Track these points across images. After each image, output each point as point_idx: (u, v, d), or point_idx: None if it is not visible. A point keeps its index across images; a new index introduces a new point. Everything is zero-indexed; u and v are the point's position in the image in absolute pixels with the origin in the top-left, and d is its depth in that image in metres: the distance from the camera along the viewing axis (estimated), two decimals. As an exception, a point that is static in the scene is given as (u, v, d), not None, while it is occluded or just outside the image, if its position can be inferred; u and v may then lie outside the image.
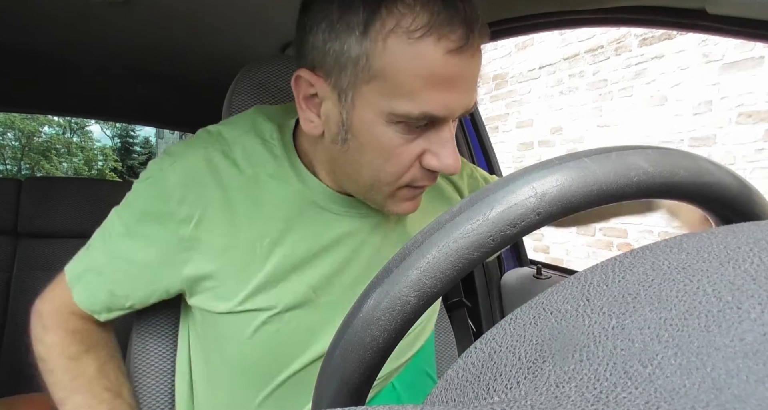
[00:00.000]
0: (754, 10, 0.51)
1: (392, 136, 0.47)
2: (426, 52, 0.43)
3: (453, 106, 0.46)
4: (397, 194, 0.52)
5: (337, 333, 0.27)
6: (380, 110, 0.46)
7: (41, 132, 18.02)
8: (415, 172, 0.50)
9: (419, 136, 0.48)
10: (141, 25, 1.06)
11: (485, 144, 1.17)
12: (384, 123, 0.47)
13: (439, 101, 0.45)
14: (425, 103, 0.45)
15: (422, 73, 0.44)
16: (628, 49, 2.84)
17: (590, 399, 0.14)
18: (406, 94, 0.45)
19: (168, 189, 0.53)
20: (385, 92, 0.45)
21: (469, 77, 0.46)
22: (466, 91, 0.46)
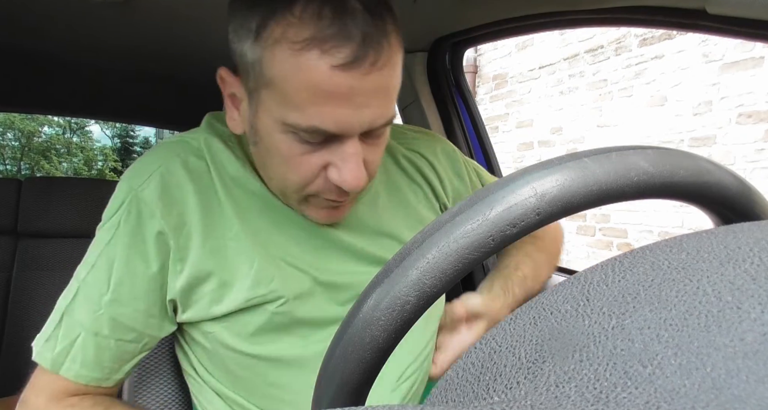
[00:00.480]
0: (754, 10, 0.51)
1: (291, 144, 0.47)
2: (309, 65, 0.42)
3: (346, 123, 0.44)
4: (309, 201, 0.52)
5: (337, 333, 0.27)
6: (275, 118, 0.46)
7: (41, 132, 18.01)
8: (321, 184, 0.49)
9: (323, 148, 0.47)
10: (141, 25, 1.06)
11: (485, 144, 1.17)
12: (281, 131, 0.46)
13: (328, 116, 0.44)
14: (313, 117, 0.44)
15: (307, 86, 0.43)
16: (628, 49, 2.84)
17: (590, 399, 0.14)
18: (295, 105, 0.44)
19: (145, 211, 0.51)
20: (278, 101, 0.45)
21: (365, 93, 0.44)
22: (361, 107, 0.44)
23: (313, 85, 0.43)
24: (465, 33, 1.00)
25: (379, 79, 0.44)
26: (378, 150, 0.51)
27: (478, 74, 3.98)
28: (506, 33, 0.95)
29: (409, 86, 1.13)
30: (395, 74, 0.47)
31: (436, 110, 1.14)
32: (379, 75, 0.44)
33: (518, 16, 0.84)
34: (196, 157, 0.55)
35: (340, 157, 0.47)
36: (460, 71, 1.16)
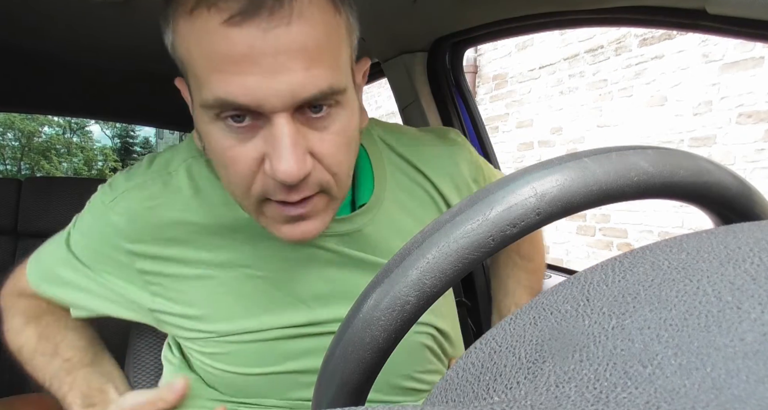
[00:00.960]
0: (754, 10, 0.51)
1: (220, 135, 0.41)
2: (201, 27, 0.37)
3: (257, 91, 0.37)
4: (265, 213, 0.44)
5: (337, 333, 0.27)
6: (197, 107, 0.41)
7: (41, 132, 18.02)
8: (264, 181, 0.41)
9: (254, 136, 0.40)
10: (141, 25, 1.06)
11: (485, 144, 1.17)
12: (208, 121, 0.41)
13: (234, 85, 0.37)
14: (217, 88, 0.38)
15: (204, 53, 0.38)
16: (628, 49, 2.84)
17: (590, 399, 0.14)
18: (201, 79, 0.39)
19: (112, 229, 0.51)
20: (192, 83, 0.41)
21: (273, 53, 0.36)
22: (274, 72, 0.37)
23: (209, 49, 0.37)
24: (465, 33, 1.00)
25: (289, 35, 0.37)
26: (333, 139, 0.42)
27: (478, 74, 3.98)
28: (506, 33, 0.95)
29: (409, 86, 1.13)
30: (316, 31, 0.38)
31: (436, 110, 1.14)
32: (287, 30, 0.36)
33: (518, 16, 0.84)
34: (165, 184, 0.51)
35: (271, 142, 0.39)
36: (460, 71, 1.16)
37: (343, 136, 0.43)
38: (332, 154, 0.42)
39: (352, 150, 0.45)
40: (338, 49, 0.41)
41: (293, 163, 0.38)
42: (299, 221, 0.44)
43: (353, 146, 0.45)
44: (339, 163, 0.43)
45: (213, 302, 0.52)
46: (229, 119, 0.40)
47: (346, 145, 0.43)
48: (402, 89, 1.18)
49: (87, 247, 0.55)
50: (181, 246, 0.51)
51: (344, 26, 0.42)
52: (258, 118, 0.40)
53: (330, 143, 0.42)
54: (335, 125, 0.42)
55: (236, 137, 0.40)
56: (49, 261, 0.58)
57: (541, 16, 0.81)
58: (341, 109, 0.42)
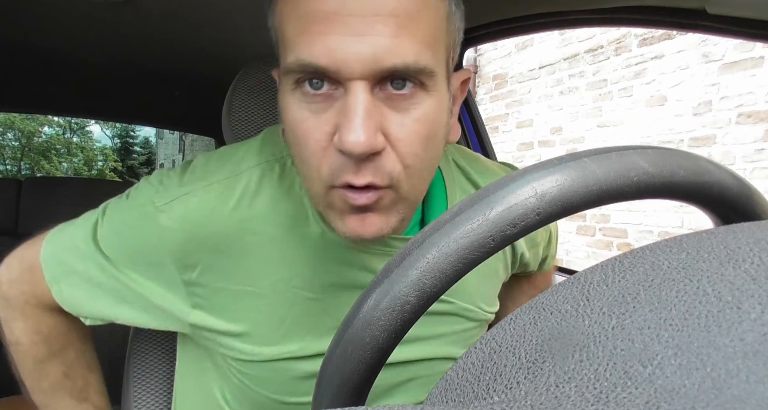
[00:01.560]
0: (754, 10, 0.51)
1: (296, 107, 0.39)
2: None
3: (338, 52, 0.35)
4: (332, 204, 0.41)
5: (337, 333, 0.27)
6: (281, 75, 0.40)
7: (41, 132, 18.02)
8: (333, 160, 0.38)
9: (329, 108, 0.38)
10: (141, 24, 1.06)
11: (485, 144, 1.17)
12: (288, 91, 0.39)
13: (316, 45, 0.36)
14: (301, 49, 0.36)
15: (295, 15, 0.37)
16: (628, 49, 2.84)
17: (590, 399, 0.14)
18: (288, 45, 0.38)
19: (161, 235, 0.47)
20: (281, 55, 0.40)
21: (361, 13, 0.35)
22: (358, 34, 0.35)
23: (300, 10, 0.37)
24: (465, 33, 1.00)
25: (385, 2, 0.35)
26: (410, 124, 0.38)
27: (478, 74, 3.98)
28: (506, 33, 0.95)
29: (409, 86, 1.13)
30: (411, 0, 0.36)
31: (436, 110, 1.14)
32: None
33: (518, 16, 0.84)
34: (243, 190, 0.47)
35: (344, 112, 0.37)
36: (460, 71, 1.15)
37: (425, 125, 0.39)
38: (409, 141, 0.39)
39: (432, 148, 0.41)
40: (433, 27, 0.38)
41: (362, 133, 0.35)
42: (365, 213, 0.41)
43: (435, 146, 0.41)
44: (415, 155, 0.39)
45: (260, 321, 0.48)
46: (307, 84, 0.38)
47: (427, 138, 0.40)
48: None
49: (121, 246, 0.49)
50: (236, 258, 0.47)
51: (444, 9, 0.40)
52: (336, 87, 0.38)
53: (408, 129, 0.38)
54: (418, 110, 0.39)
55: (311, 108, 0.38)
56: (70, 255, 0.50)
57: (541, 16, 0.81)
58: (428, 95, 0.39)
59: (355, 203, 0.40)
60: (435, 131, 0.40)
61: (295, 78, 0.38)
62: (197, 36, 1.13)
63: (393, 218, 0.42)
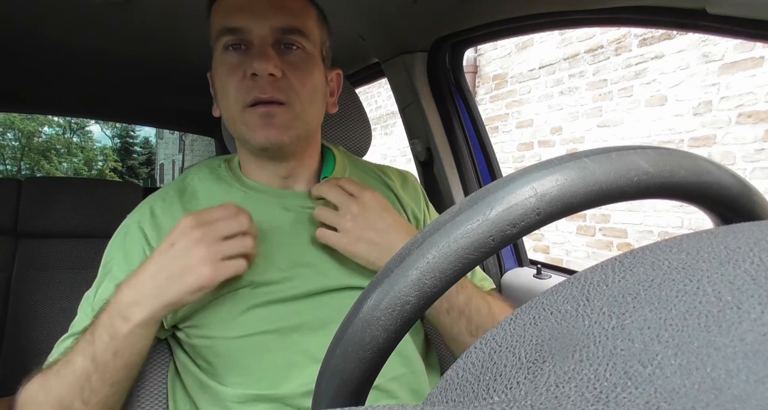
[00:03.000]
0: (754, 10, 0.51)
1: (225, 61, 0.61)
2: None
3: (249, 20, 0.59)
4: (246, 121, 0.60)
5: (337, 333, 0.27)
6: (214, 48, 0.62)
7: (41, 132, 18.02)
8: (246, 85, 0.59)
9: (246, 60, 0.59)
10: (141, 25, 1.06)
11: (485, 144, 1.17)
12: (219, 53, 0.61)
13: (234, 17, 0.59)
14: (225, 21, 0.60)
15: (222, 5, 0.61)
16: (628, 49, 2.85)
17: (590, 399, 0.14)
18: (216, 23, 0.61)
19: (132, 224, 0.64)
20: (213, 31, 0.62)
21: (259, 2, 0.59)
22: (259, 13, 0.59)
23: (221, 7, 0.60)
24: (465, 33, 1.00)
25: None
26: (298, 68, 0.60)
27: (478, 74, 3.98)
28: (506, 33, 0.95)
29: (409, 86, 1.13)
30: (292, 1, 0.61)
31: (436, 110, 1.14)
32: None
33: (518, 16, 0.84)
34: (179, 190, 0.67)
35: (254, 54, 0.59)
36: (460, 71, 1.16)
37: (307, 74, 0.62)
38: (298, 77, 0.60)
39: (314, 88, 0.63)
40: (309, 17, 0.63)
41: (267, 60, 0.57)
42: (271, 125, 0.60)
43: (316, 88, 0.63)
44: (302, 86, 0.61)
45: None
46: (231, 49, 0.60)
47: (311, 83, 0.62)
48: (402, 89, 1.18)
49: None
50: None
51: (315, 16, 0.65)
52: (250, 48, 0.60)
53: (297, 71, 0.61)
54: (302, 64, 0.61)
55: (233, 61, 0.60)
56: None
57: (541, 16, 0.81)
58: (308, 57, 0.62)
59: (263, 110, 0.59)
60: (312, 78, 0.62)
61: (223, 42, 0.60)
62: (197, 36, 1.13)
63: (291, 131, 0.61)
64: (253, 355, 0.58)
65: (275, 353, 0.58)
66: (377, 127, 5.44)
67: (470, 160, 1.15)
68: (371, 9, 0.96)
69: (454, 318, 0.64)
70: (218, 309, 0.59)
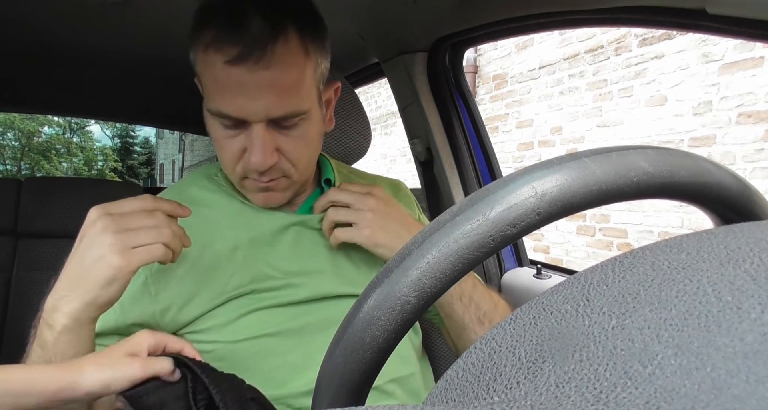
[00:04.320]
0: (754, 10, 0.51)
1: (217, 129, 0.58)
2: (211, 61, 0.53)
3: (243, 109, 0.54)
4: (245, 185, 0.62)
5: (337, 333, 0.27)
6: (206, 107, 0.58)
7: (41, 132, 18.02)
8: (244, 166, 0.58)
9: (240, 133, 0.57)
10: (141, 24, 1.06)
11: (485, 144, 1.17)
12: (210, 117, 0.58)
13: (229, 103, 0.54)
14: (219, 104, 0.55)
15: (212, 79, 0.55)
16: (628, 49, 2.84)
17: (590, 399, 0.14)
18: (210, 95, 0.56)
19: None
20: (205, 93, 0.58)
21: (256, 86, 0.53)
22: (255, 98, 0.53)
23: (215, 77, 0.54)
24: (465, 33, 1.00)
25: (268, 76, 0.53)
26: (295, 141, 0.58)
27: (478, 74, 3.98)
28: (506, 33, 0.95)
29: (409, 86, 1.13)
30: (289, 73, 0.54)
31: (436, 110, 1.14)
32: (266, 72, 0.53)
33: (518, 16, 0.84)
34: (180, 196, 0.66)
35: (249, 141, 0.56)
36: (460, 71, 1.16)
37: (304, 139, 0.59)
38: (294, 150, 0.59)
39: (311, 149, 0.63)
40: (304, 83, 0.57)
41: (262, 158, 0.56)
42: (269, 192, 0.62)
43: (313, 146, 0.63)
44: (299, 158, 0.60)
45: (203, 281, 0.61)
46: (218, 118, 0.56)
47: (306, 146, 0.60)
48: (402, 89, 1.17)
49: None
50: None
51: (311, 66, 0.58)
52: (243, 125, 0.56)
53: (293, 144, 0.59)
54: (298, 132, 0.58)
55: (228, 133, 0.57)
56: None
57: (541, 16, 0.81)
58: (305, 121, 0.58)
59: (261, 185, 0.61)
60: (312, 139, 0.62)
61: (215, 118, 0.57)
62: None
63: (288, 193, 0.64)
64: (254, 358, 0.58)
65: (277, 355, 0.59)
66: (377, 127, 5.44)
67: (470, 160, 1.15)
68: (371, 9, 0.96)
69: (466, 305, 0.64)
70: (219, 314, 0.59)
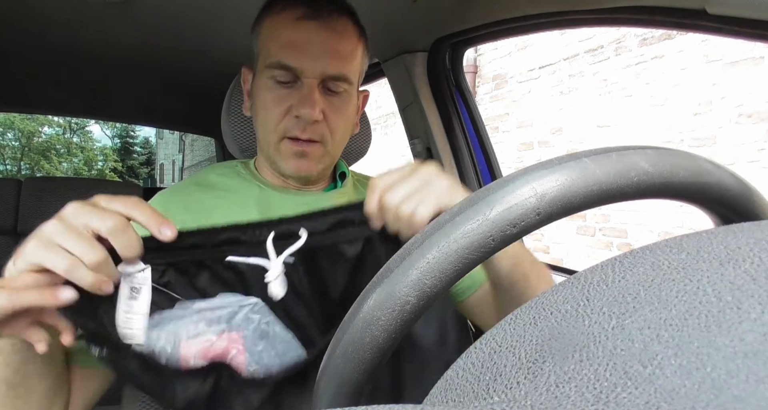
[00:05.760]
0: (754, 10, 0.51)
1: (269, 88, 0.63)
2: (283, 20, 0.62)
3: (304, 62, 0.61)
4: (280, 150, 0.65)
5: (337, 333, 0.27)
6: (261, 70, 0.64)
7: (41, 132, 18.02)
8: (287, 122, 0.63)
9: (289, 94, 0.63)
10: (141, 25, 1.06)
11: (485, 144, 1.17)
12: (265, 78, 0.63)
13: (291, 55, 0.61)
14: (282, 55, 0.62)
15: (279, 35, 0.62)
16: (628, 49, 2.84)
17: (590, 399, 0.14)
18: (271, 52, 0.63)
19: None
20: (263, 57, 0.64)
21: (319, 43, 0.61)
22: (316, 53, 0.61)
23: (282, 33, 0.62)
24: (465, 33, 1.00)
25: (330, 37, 0.62)
26: (337, 110, 0.64)
27: (478, 74, 3.98)
28: (506, 33, 0.95)
29: (409, 86, 1.13)
30: (347, 42, 0.64)
31: (436, 110, 1.14)
32: (329, 34, 0.62)
33: (518, 16, 0.84)
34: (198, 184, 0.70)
35: (300, 97, 0.62)
36: (460, 71, 1.16)
37: (344, 113, 0.66)
38: (335, 119, 0.65)
39: (347, 125, 0.68)
40: (355, 59, 0.65)
41: (312, 108, 0.61)
42: (302, 158, 0.65)
43: (348, 124, 0.69)
44: (337, 127, 0.65)
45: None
46: (280, 82, 0.63)
47: (344, 118, 0.67)
48: (402, 89, 1.18)
49: None
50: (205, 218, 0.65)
51: (361, 52, 0.67)
52: (296, 83, 0.63)
53: (336, 112, 0.65)
54: (341, 104, 0.65)
55: (278, 92, 0.63)
56: None
57: (541, 16, 0.81)
58: (348, 97, 0.66)
59: (298, 149, 0.65)
60: (347, 117, 0.68)
61: (273, 73, 0.63)
62: (197, 36, 1.13)
63: (320, 165, 0.68)
64: None
65: None
66: (377, 127, 5.44)
67: (470, 160, 1.15)
68: (371, 9, 0.96)
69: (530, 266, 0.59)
70: None
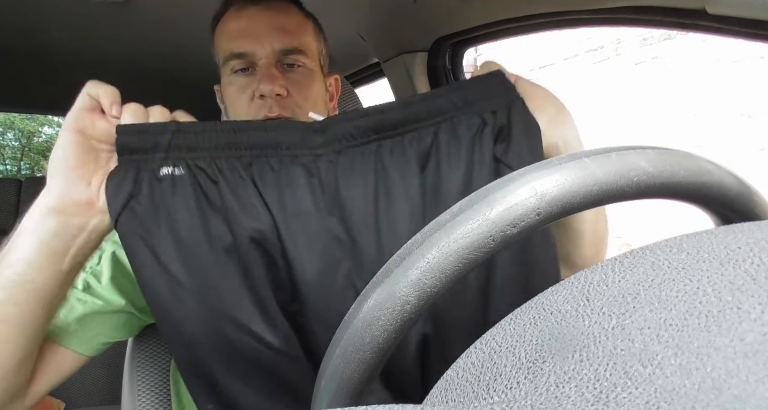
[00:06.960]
0: (754, 10, 0.51)
1: (233, 80, 0.66)
2: (226, 19, 0.66)
3: (253, 45, 0.63)
4: None
5: (337, 333, 0.27)
6: (223, 70, 0.67)
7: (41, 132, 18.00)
8: (255, 105, 0.65)
9: (251, 82, 0.64)
10: (141, 25, 1.06)
11: (485, 144, 1.17)
12: (227, 75, 0.66)
13: (239, 42, 0.64)
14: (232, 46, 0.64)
15: (226, 32, 0.65)
16: (628, 49, 2.85)
17: (590, 399, 0.14)
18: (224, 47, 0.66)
19: None
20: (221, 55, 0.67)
21: (263, 24, 0.64)
22: (262, 36, 0.63)
23: (227, 28, 0.65)
24: (465, 33, 1.00)
25: (272, 16, 0.65)
26: (300, 85, 0.65)
27: (478, 74, 3.97)
28: (506, 33, 0.95)
29: (409, 86, 1.13)
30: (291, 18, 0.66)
31: (436, 110, 1.14)
32: (271, 13, 0.65)
33: (518, 16, 0.84)
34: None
35: (260, 77, 0.64)
36: (460, 71, 1.16)
37: (308, 87, 0.66)
38: (299, 92, 0.65)
39: (316, 101, 0.68)
40: (305, 33, 0.67)
41: (273, 82, 0.62)
42: None
43: (318, 101, 0.69)
44: (305, 101, 0.66)
45: None
46: (239, 72, 0.65)
47: (311, 94, 0.67)
48: (402, 89, 1.17)
49: None
50: None
51: (311, 28, 0.69)
52: (255, 70, 0.64)
53: (299, 87, 0.65)
54: (302, 78, 0.66)
55: (240, 82, 0.65)
56: None
57: (541, 16, 0.81)
58: (308, 72, 0.67)
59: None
60: (314, 92, 0.68)
61: (231, 66, 0.65)
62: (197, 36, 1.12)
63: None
64: None
65: None
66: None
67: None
68: (371, 9, 0.96)
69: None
70: None
